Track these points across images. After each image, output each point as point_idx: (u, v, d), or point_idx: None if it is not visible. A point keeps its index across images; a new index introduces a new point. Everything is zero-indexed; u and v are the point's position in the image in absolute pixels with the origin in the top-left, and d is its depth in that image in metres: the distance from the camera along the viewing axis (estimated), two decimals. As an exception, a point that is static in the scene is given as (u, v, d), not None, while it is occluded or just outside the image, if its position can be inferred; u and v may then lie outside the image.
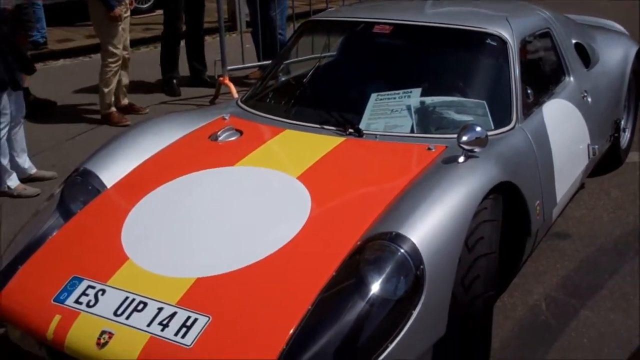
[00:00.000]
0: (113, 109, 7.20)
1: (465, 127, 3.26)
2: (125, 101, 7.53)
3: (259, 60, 8.28)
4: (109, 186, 3.46)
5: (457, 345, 2.84)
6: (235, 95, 7.26)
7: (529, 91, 3.98)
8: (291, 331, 2.52)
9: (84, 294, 2.82)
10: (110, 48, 6.96)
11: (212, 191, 3.37)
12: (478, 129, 3.22)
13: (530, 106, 3.96)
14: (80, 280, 2.89)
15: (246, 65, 8.18)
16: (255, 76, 8.01)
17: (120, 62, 7.09)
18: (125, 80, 7.46)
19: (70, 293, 2.84)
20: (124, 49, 7.19)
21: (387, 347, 2.54)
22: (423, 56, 4.23)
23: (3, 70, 5.20)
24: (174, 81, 8.19)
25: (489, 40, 4.04)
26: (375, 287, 2.64)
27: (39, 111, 7.26)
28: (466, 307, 2.83)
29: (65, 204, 3.41)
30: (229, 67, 7.81)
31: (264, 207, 3.20)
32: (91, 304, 2.77)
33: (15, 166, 5.66)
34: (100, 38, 7.18)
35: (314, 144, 3.62)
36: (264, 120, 3.95)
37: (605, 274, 4.07)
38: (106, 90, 7.07)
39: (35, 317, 2.84)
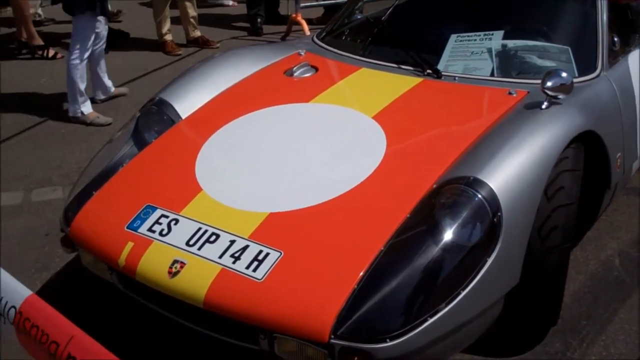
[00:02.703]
0: (167, 38, 7.31)
1: (550, 72, 3.15)
2: (196, 33, 7.55)
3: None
4: (183, 117, 3.47)
5: (530, 295, 2.79)
6: (308, 32, 7.18)
7: (615, 39, 3.81)
8: (361, 273, 2.49)
9: (157, 222, 2.83)
10: None
11: (286, 127, 3.33)
12: (564, 74, 3.11)
13: (616, 55, 3.80)
14: (154, 209, 2.90)
15: (320, 2, 8.07)
16: (320, 21, 7.91)
17: None
18: (192, 13, 7.48)
19: (143, 221, 2.85)
20: None
21: (459, 293, 2.49)
22: (506, -2, 4.09)
23: None
24: (259, 20, 8.10)
25: (576, -16, 3.89)
26: (449, 233, 2.59)
27: (113, 40, 7.34)
28: (541, 258, 2.77)
29: (139, 132, 3.44)
30: (302, 4, 7.72)
31: (338, 145, 3.16)
32: (164, 232, 2.78)
33: (99, 85, 5.91)
34: None
35: (390, 84, 3.55)
36: (339, 58, 3.89)
37: (682, 232, 3.94)
38: (156, 20, 7.20)
39: (108, 243, 2.86)
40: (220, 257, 2.62)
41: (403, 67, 3.67)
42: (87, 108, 5.59)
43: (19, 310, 1.95)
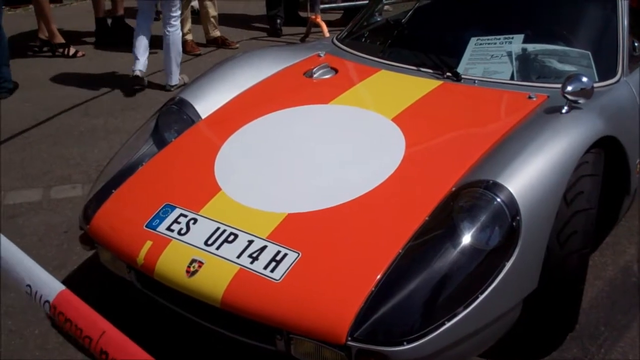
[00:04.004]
0: (187, 37, 7.35)
1: (571, 77, 3.13)
2: (215, 33, 7.59)
3: (351, 0, 8.14)
4: (203, 116, 3.48)
5: (548, 300, 2.77)
6: (327, 34, 7.19)
7: (635, 44, 3.80)
8: (379, 275, 2.49)
9: (175, 221, 2.84)
10: None
11: (305, 128, 3.34)
12: (584, 79, 3.10)
13: (636, 60, 3.77)
14: (173, 208, 2.91)
15: (339, 4, 8.08)
16: (339, 22, 7.91)
17: None
18: (213, 12, 7.52)
19: (162, 220, 2.87)
20: None
21: (477, 297, 2.48)
22: (527, 2, 4.07)
23: None
24: (278, 21, 8.11)
25: (597, -11, 3.87)
26: (468, 236, 2.58)
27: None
28: (560, 263, 2.76)
29: (159, 132, 3.46)
30: (321, 6, 7.72)
31: (357, 146, 3.16)
32: (183, 232, 2.79)
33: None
34: None
35: (409, 86, 3.55)
36: (359, 60, 3.90)
37: (702, 239, 3.91)
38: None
39: (127, 242, 2.88)
40: (239, 257, 2.63)
41: (422, 69, 3.67)
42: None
43: (53, 304, 1.97)
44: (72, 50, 7.27)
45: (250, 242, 2.67)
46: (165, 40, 6.18)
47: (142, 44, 6.19)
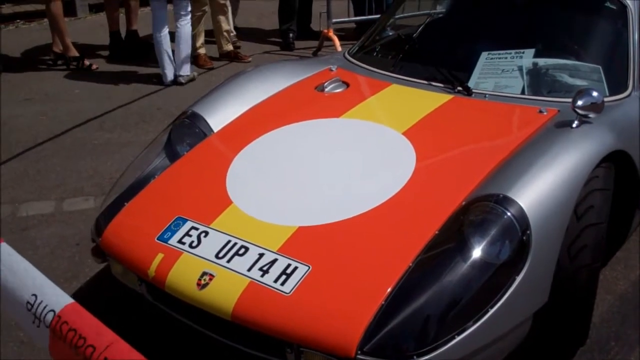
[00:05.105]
0: (200, 51, 7.44)
1: (581, 91, 3.14)
2: (228, 47, 7.62)
3: (363, 14, 8.17)
4: (215, 130, 3.51)
5: (558, 315, 2.77)
6: (339, 48, 7.23)
7: (646, 58, 3.80)
8: (389, 289, 2.49)
9: (187, 234, 2.86)
10: None
11: (317, 142, 3.36)
12: (595, 93, 3.10)
13: (647, 74, 3.78)
14: (184, 220, 2.93)
15: (352, 18, 8.11)
16: (351, 37, 7.93)
17: (203, 8, 7.26)
18: (225, 27, 7.57)
19: (173, 233, 2.88)
20: None
21: (487, 311, 2.48)
22: (537, 16, 4.08)
23: None
24: (290, 35, 8.14)
25: (608, 4, 3.89)
26: (478, 250, 2.59)
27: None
28: (571, 277, 2.75)
29: (172, 145, 3.48)
30: (333, 20, 7.75)
31: (368, 160, 3.17)
32: (194, 244, 2.80)
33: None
34: None
35: (420, 100, 3.57)
36: (370, 74, 3.92)
37: None
38: (192, 33, 7.24)
39: (138, 254, 2.89)
40: (249, 270, 2.64)
41: (433, 83, 3.69)
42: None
43: (58, 314, 1.97)
44: (86, 64, 7.32)
45: (261, 255, 2.69)
46: (177, 34, 6.68)
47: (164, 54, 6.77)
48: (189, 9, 6.72)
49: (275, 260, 2.65)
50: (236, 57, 7.61)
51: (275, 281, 2.58)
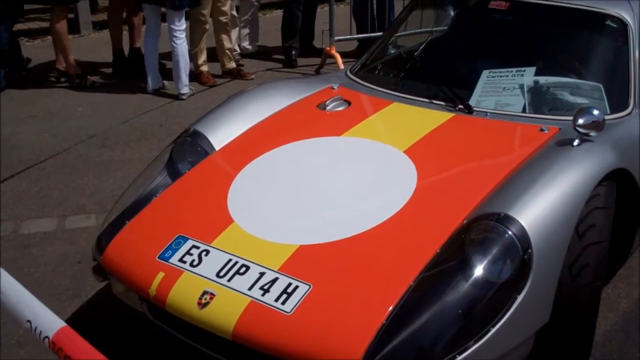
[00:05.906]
0: (203, 68, 7.45)
1: (582, 110, 3.15)
2: (230, 65, 7.64)
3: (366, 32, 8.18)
4: (217, 148, 3.51)
5: (560, 334, 2.76)
6: (342, 65, 7.23)
7: (647, 76, 3.81)
8: (391, 308, 2.49)
9: (188, 253, 2.86)
10: (193, 13, 7.19)
11: (318, 160, 3.36)
12: (595, 112, 3.11)
13: (648, 92, 3.79)
14: (185, 239, 2.93)
15: (354, 36, 8.12)
16: (353, 54, 7.95)
17: (204, 26, 7.26)
18: (228, 44, 7.58)
19: (174, 251, 2.88)
20: (220, 14, 7.39)
21: (488, 331, 2.48)
22: (538, 35, 4.08)
23: None
24: (293, 52, 8.16)
25: (608, 22, 3.88)
26: (479, 269, 2.59)
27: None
28: (572, 296, 2.75)
29: (173, 163, 3.48)
30: (336, 38, 7.77)
31: (369, 178, 3.18)
32: (195, 263, 2.80)
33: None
34: None
35: (422, 118, 3.57)
36: (372, 92, 3.92)
37: None
38: (193, 51, 7.31)
39: (139, 273, 2.89)
40: (250, 289, 2.64)
41: (435, 102, 3.69)
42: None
43: (52, 340, 1.98)
44: (89, 81, 7.34)
45: (262, 274, 2.69)
46: (174, 52, 6.73)
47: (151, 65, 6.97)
48: (184, 26, 6.77)
49: (276, 279, 2.65)
50: (239, 74, 7.63)
51: (276, 300, 2.58)
